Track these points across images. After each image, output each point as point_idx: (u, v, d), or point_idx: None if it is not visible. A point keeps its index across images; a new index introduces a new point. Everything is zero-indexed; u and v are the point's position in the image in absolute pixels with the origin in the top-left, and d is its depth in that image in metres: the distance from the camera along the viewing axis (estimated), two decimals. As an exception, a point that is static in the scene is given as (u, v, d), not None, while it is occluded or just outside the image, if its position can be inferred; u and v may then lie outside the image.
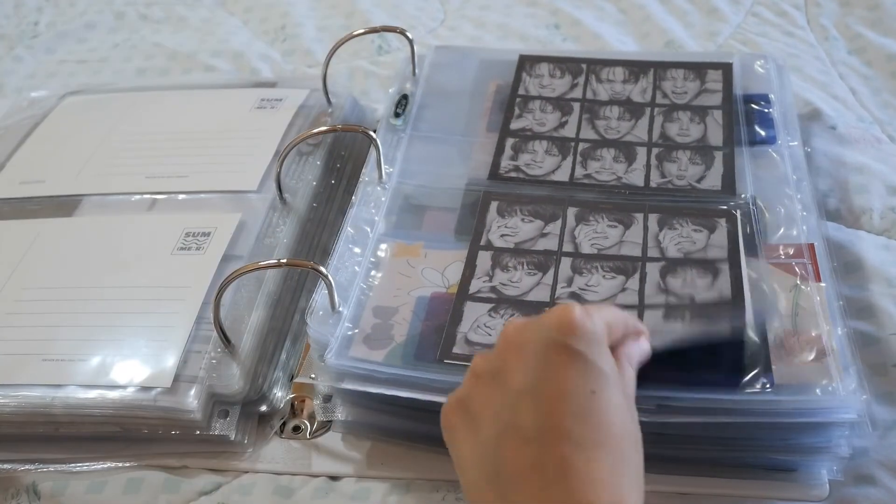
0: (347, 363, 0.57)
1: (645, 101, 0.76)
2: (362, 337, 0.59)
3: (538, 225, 0.66)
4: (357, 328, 0.60)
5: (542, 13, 1.03)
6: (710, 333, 0.58)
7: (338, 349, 0.58)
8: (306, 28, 1.05)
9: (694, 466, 0.57)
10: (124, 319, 0.65)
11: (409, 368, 0.56)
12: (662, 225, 0.65)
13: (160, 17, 1.11)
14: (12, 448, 0.63)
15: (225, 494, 0.60)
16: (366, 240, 0.66)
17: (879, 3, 0.98)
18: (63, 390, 0.61)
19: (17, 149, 0.85)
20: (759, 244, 0.63)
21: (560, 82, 0.80)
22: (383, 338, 0.59)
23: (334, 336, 0.59)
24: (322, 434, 0.62)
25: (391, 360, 0.57)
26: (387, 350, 0.58)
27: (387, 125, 0.76)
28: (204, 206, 0.74)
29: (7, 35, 1.11)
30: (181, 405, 0.59)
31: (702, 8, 1.01)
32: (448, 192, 0.70)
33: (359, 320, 0.60)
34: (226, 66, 1.00)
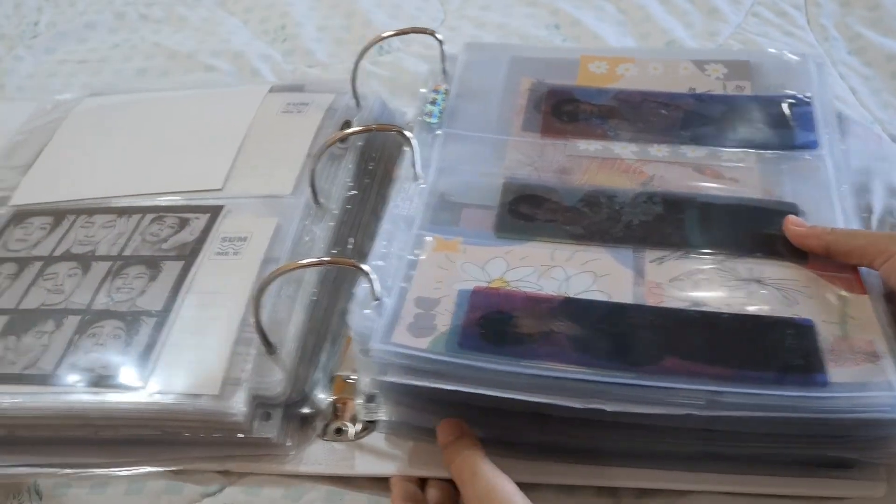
0: (390, 349, 0.56)
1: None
2: (405, 325, 0.58)
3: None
4: (400, 317, 0.59)
5: (542, 13, 1.03)
6: (763, 330, 0.57)
7: (382, 335, 0.57)
8: (306, 28, 1.05)
9: (745, 464, 0.57)
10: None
11: (453, 356, 0.56)
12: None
13: (160, 16, 1.12)
14: (48, 451, 0.63)
15: (228, 496, 0.59)
16: (404, 235, 0.65)
17: (879, 3, 0.98)
18: (104, 394, 0.61)
19: (40, 153, 0.84)
20: (806, 252, 0.62)
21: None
22: (427, 326, 0.58)
23: (377, 324, 0.58)
24: (365, 435, 0.62)
25: (435, 347, 0.57)
26: (431, 338, 0.57)
27: (421, 124, 0.75)
28: (238, 210, 0.73)
29: (7, 35, 1.11)
30: (226, 408, 0.59)
31: (702, 8, 1.01)
32: (485, 190, 0.70)
33: (401, 309, 0.60)
34: (226, 66, 1.00)
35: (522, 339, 0.57)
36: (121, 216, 0.74)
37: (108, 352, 0.63)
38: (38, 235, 0.74)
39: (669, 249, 0.64)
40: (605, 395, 0.54)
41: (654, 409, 0.53)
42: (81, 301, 0.67)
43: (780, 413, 0.53)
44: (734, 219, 0.66)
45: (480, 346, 0.57)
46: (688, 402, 0.53)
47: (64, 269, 0.70)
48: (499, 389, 0.54)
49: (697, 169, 0.71)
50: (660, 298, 0.60)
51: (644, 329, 0.57)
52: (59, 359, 0.63)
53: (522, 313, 0.59)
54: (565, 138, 0.74)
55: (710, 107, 0.76)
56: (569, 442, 0.58)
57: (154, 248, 0.70)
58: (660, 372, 0.54)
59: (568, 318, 0.58)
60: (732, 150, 0.72)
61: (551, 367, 0.55)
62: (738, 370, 0.54)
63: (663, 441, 0.57)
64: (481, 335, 0.57)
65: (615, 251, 0.64)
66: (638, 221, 0.66)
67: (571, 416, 0.54)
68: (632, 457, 0.58)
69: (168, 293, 0.66)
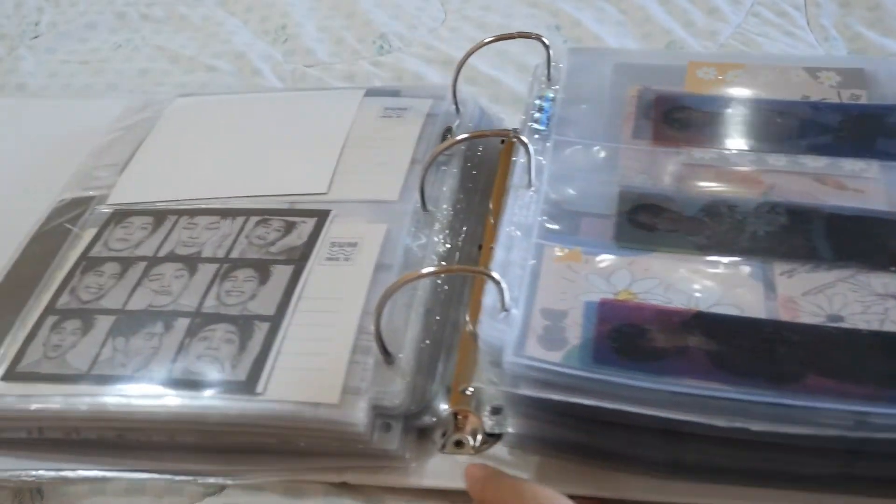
0: (525, 362, 0.55)
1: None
2: (536, 337, 0.57)
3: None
4: (528, 329, 0.58)
5: (542, 14, 1.03)
6: None
7: (515, 348, 0.56)
8: (307, 28, 1.06)
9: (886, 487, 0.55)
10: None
11: (591, 371, 0.54)
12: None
13: (161, 16, 1.12)
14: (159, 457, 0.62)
15: (230, 496, 0.59)
16: (523, 244, 0.64)
17: (879, 3, 0.98)
18: (220, 400, 0.60)
19: (135, 152, 0.83)
20: None
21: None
22: (557, 339, 0.57)
23: (509, 335, 0.56)
24: (486, 449, 0.60)
25: (569, 361, 0.55)
26: (563, 351, 0.56)
27: (530, 130, 0.74)
28: (344, 215, 0.72)
29: (8, 35, 1.11)
30: (347, 418, 0.57)
31: (702, 8, 1.01)
32: (601, 199, 0.68)
33: (528, 321, 0.58)
34: (227, 66, 1.01)
35: (657, 354, 0.55)
36: (224, 218, 0.73)
37: (222, 356, 0.62)
38: (139, 235, 0.73)
39: (798, 262, 0.62)
40: (746, 413, 0.52)
41: (803, 429, 0.51)
42: (190, 303, 0.66)
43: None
44: (863, 231, 0.64)
45: (615, 361, 0.55)
46: (836, 422, 0.51)
47: (170, 270, 0.69)
48: (640, 406, 0.52)
49: (818, 179, 0.69)
50: (794, 313, 0.58)
51: (783, 345, 0.56)
52: (171, 362, 0.62)
53: (654, 327, 0.57)
54: (678, 146, 0.73)
55: (827, 115, 0.74)
56: (697, 459, 0.56)
57: (262, 252, 0.69)
58: (804, 390, 0.53)
59: (702, 333, 0.56)
60: (854, 161, 0.70)
61: (691, 383, 0.53)
62: (887, 389, 0.52)
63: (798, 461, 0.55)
64: (615, 349, 0.56)
65: (742, 263, 0.62)
66: (763, 232, 0.64)
67: (706, 433, 0.52)
68: (761, 477, 0.56)
69: (280, 298, 0.65)
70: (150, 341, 0.64)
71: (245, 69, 1.01)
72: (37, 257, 0.73)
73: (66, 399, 0.62)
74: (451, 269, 0.61)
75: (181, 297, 0.67)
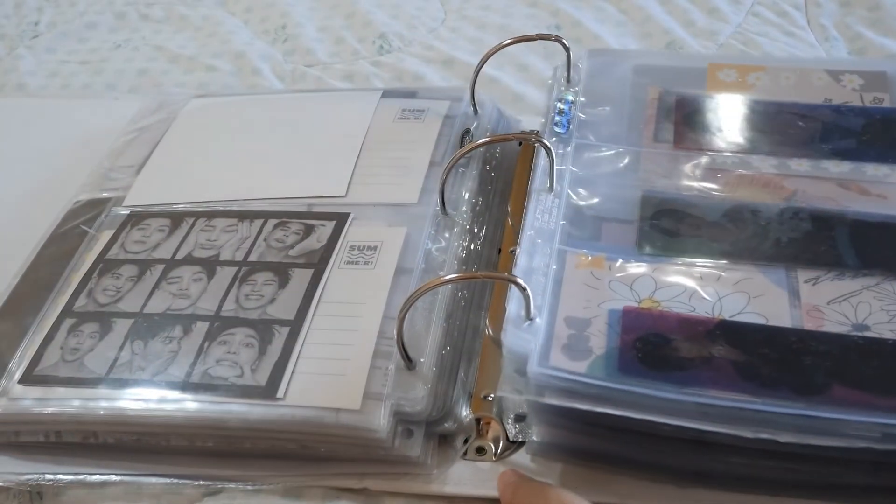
0: (550, 372, 0.54)
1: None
2: (560, 346, 0.56)
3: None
4: (553, 338, 0.57)
5: (542, 14, 1.04)
6: None
7: (539, 358, 0.55)
8: (306, 28, 1.06)
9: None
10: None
11: (616, 381, 0.54)
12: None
13: (161, 16, 1.12)
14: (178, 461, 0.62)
15: (229, 496, 0.58)
16: (546, 250, 0.63)
17: (879, 3, 0.98)
18: (240, 405, 0.59)
19: (150, 154, 0.83)
20: None
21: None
22: (582, 349, 0.56)
23: (533, 344, 0.56)
24: (508, 455, 0.60)
25: (594, 371, 0.55)
26: (588, 361, 0.55)
27: (550, 133, 0.73)
28: (363, 217, 0.71)
29: (7, 35, 1.12)
30: (369, 424, 0.57)
31: (702, 8, 1.01)
32: (623, 203, 0.68)
33: (553, 330, 0.58)
34: (227, 66, 1.01)
35: (683, 364, 0.55)
36: (242, 220, 0.73)
37: (242, 361, 0.61)
38: (156, 237, 0.73)
39: (823, 269, 0.61)
40: (773, 424, 0.51)
41: (830, 440, 0.50)
42: (209, 307, 0.66)
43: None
44: (888, 238, 0.63)
45: (640, 371, 0.54)
46: (862, 433, 0.50)
47: (188, 272, 0.69)
48: (667, 416, 0.51)
49: (842, 184, 0.68)
50: (819, 322, 0.57)
51: (808, 355, 0.55)
52: (190, 366, 0.62)
53: (678, 336, 0.56)
54: (700, 150, 0.72)
55: (850, 119, 0.73)
56: (722, 469, 0.56)
57: (281, 255, 0.69)
58: (829, 402, 0.52)
59: (727, 342, 0.56)
60: (878, 165, 0.69)
61: (717, 394, 0.53)
62: (914, 401, 0.52)
63: (823, 472, 0.54)
64: (640, 359, 0.55)
65: (766, 270, 0.61)
66: (787, 239, 0.63)
67: (733, 443, 0.52)
68: (786, 486, 0.56)
69: (300, 302, 0.65)
70: (169, 345, 0.64)
71: (245, 69, 1.01)
72: (53, 259, 0.73)
73: (84, 403, 0.61)
74: (476, 276, 0.61)
75: (200, 300, 0.67)
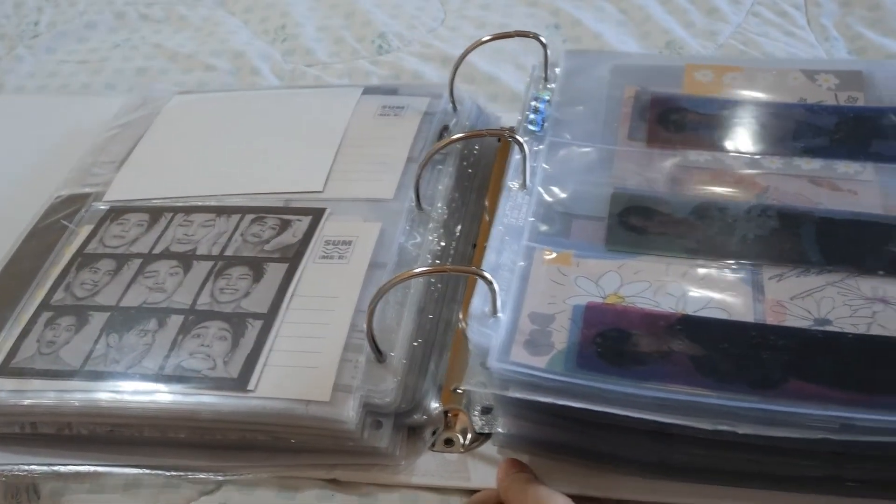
0: (509, 367, 0.55)
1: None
2: (522, 342, 0.57)
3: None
4: (515, 333, 0.58)
5: (542, 13, 1.04)
6: (891, 352, 0.55)
7: (499, 353, 0.56)
8: (306, 28, 1.06)
9: (880, 489, 0.55)
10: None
11: (573, 376, 0.54)
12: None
13: (160, 16, 1.13)
14: (150, 452, 0.63)
15: (225, 494, 0.59)
16: (515, 246, 0.64)
17: (879, 3, 0.98)
18: (212, 396, 0.60)
19: (132, 149, 0.84)
20: None
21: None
22: (543, 344, 0.57)
23: (495, 340, 0.57)
24: (475, 447, 0.60)
25: (554, 366, 0.55)
26: (548, 357, 0.56)
27: (525, 131, 0.74)
28: (340, 213, 0.72)
29: (7, 35, 1.12)
30: (338, 416, 0.58)
31: (702, 8, 1.02)
32: (594, 201, 0.68)
33: (516, 325, 0.58)
34: (226, 65, 1.01)
35: (642, 359, 0.55)
36: (220, 215, 0.74)
37: (215, 353, 0.62)
38: (135, 232, 0.74)
39: (788, 266, 0.62)
40: (732, 416, 0.52)
41: (787, 431, 0.51)
42: (184, 300, 0.67)
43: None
44: (855, 235, 0.64)
45: (599, 366, 0.55)
46: (820, 425, 0.51)
47: (164, 267, 0.70)
48: (626, 409, 0.52)
49: (813, 181, 0.69)
50: (781, 317, 0.58)
51: (767, 350, 0.56)
52: (164, 359, 0.63)
53: (640, 331, 0.57)
54: (673, 148, 0.73)
55: (823, 118, 0.74)
56: (686, 460, 0.57)
57: (256, 250, 0.70)
58: (785, 396, 0.53)
59: (687, 337, 0.57)
60: (848, 163, 0.70)
61: (674, 389, 0.53)
62: (867, 395, 0.53)
63: (786, 463, 0.55)
64: (599, 354, 0.56)
65: (732, 266, 0.62)
66: (753, 236, 0.64)
67: (693, 435, 0.53)
68: (750, 477, 0.57)
69: (273, 296, 0.66)
70: (144, 338, 0.65)
71: (244, 68, 1.01)
72: (32, 253, 0.74)
73: (59, 395, 0.62)
74: (444, 269, 0.61)
75: (175, 294, 0.68)
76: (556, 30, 1.02)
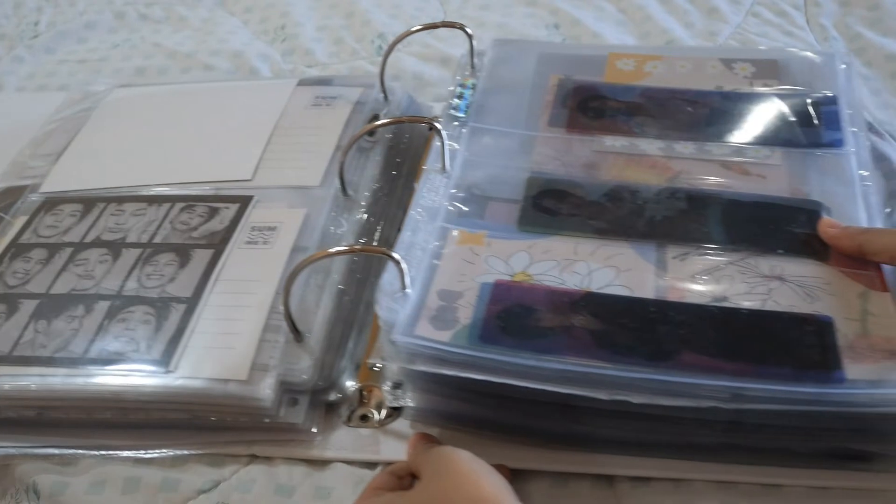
0: (413, 341, 0.57)
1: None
2: (428, 317, 0.59)
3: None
4: (423, 309, 0.60)
5: (541, 13, 1.04)
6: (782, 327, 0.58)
7: (404, 327, 0.58)
8: (306, 28, 1.06)
9: (773, 457, 0.58)
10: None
11: (475, 350, 0.57)
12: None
13: (160, 16, 1.13)
14: (79, 433, 0.65)
15: (224, 493, 0.60)
16: (430, 227, 0.66)
17: (879, 3, 0.98)
18: (134, 378, 0.62)
19: (70, 142, 0.86)
20: (828, 249, 0.63)
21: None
22: (449, 319, 0.59)
23: (402, 315, 0.59)
24: (390, 422, 0.63)
25: (457, 340, 0.58)
26: (453, 331, 0.58)
27: (448, 117, 0.76)
28: (267, 200, 0.74)
29: (7, 35, 1.13)
30: (253, 393, 0.60)
31: (702, 8, 1.02)
32: (511, 184, 0.70)
33: (424, 301, 0.60)
34: (225, 65, 1.02)
35: (543, 333, 0.58)
36: (151, 204, 0.75)
37: (139, 336, 0.64)
38: (68, 222, 0.75)
39: (692, 246, 0.64)
40: (628, 387, 0.54)
41: (680, 401, 0.53)
42: (112, 287, 0.68)
43: (799, 407, 0.53)
44: (758, 216, 0.66)
45: (501, 340, 0.57)
46: (711, 395, 0.53)
47: (94, 255, 0.71)
48: (527, 380, 0.54)
49: (724, 165, 0.71)
50: (681, 294, 0.60)
51: (663, 324, 0.58)
52: (89, 343, 0.65)
53: (544, 307, 0.59)
54: (591, 134, 0.75)
55: (736, 104, 0.76)
56: (590, 431, 0.59)
57: (184, 237, 0.71)
58: (677, 367, 0.55)
59: (589, 313, 0.59)
60: (759, 148, 0.72)
61: (572, 361, 0.55)
62: (757, 366, 0.55)
63: (684, 432, 0.57)
64: (502, 328, 0.58)
65: (638, 246, 0.64)
66: (661, 217, 0.66)
67: (595, 406, 0.55)
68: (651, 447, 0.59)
69: (198, 280, 0.67)
70: (71, 324, 0.66)
71: (243, 68, 1.01)
72: (-31, 245, 0.75)
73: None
74: (353, 250, 0.63)
75: (104, 280, 0.69)
76: (556, 29, 1.02)
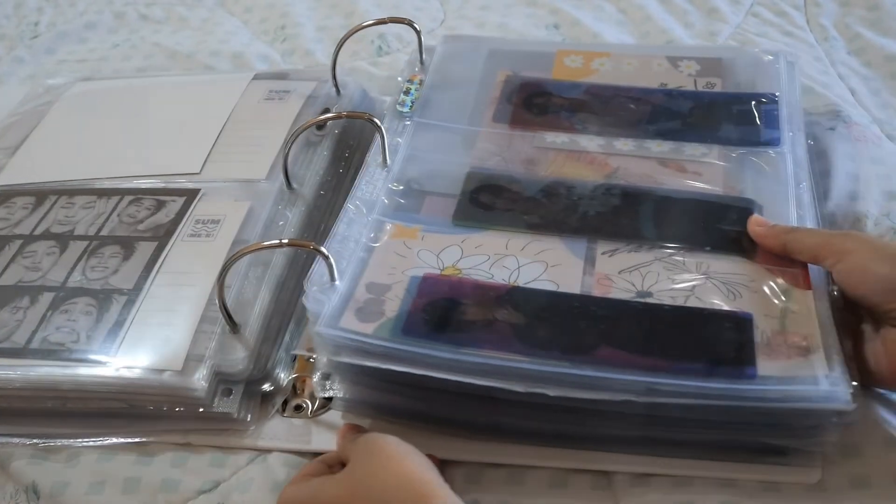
0: (336, 333, 0.58)
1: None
2: (354, 310, 0.60)
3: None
4: (350, 301, 0.61)
5: (541, 13, 1.04)
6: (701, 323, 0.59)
7: (328, 319, 0.59)
8: (306, 28, 1.07)
9: (688, 449, 0.59)
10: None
11: (397, 342, 0.58)
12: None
13: (160, 17, 1.13)
14: (19, 422, 0.66)
15: (223, 493, 0.61)
16: (365, 220, 0.67)
17: (879, 3, 0.98)
18: (73, 368, 0.63)
19: (28, 135, 0.87)
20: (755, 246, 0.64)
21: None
22: (375, 312, 0.60)
23: (328, 307, 0.60)
24: (323, 413, 0.64)
25: (380, 333, 0.59)
26: (377, 324, 0.59)
27: (394, 112, 0.77)
28: (214, 194, 0.75)
29: (7, 35, 1.13)
30: (187, 384, 0.61)
31: (701, 8, 1.02)
32: (450, 179, 0.72)
33: (352, 294, 0.62)
34: (225, 65, 1.02)
35: (465, 327, 0.59)
36: (101, 197, 0.77)
37: (79, 327, 0.65)
38: (20, 215, 0.77)
39: (622, 242, 0.65)
40: (546, 380, 0.55)
41: (594, 394, 0.55)
42: (57, 278, 0.70)
43: (712, 401, 0.54)
44: (689, 213, 0.67)
45: (423, 333, 0.58)
46: (627, 389, 0.54)
47: (42, 247, 0.73)
48: (446, 372, 0.56)
49: (662, 163, 0.72)
50: (607, 289, 0.62)
51: (583, 319, 0.59)
52: (31, 333, 0.66)
53: (469, 301, 0.61)
54: (533, 130, 0.76)
55: (678, 102, 0.77)
56: (513, 424, 0.60)
57: (130, 229, 0.73)
58: (593, 362, 0.56)
59: (512, 307, 0.60)
60: (697, 146, 0.73)
61: (490, 354, 0.57)
62: (671, 361, 0.56)
63: (604, 425, 0.59)
64: (425, 322, 0.59)
65: (569, 241, 0.66)
66: (594, 213, 0.67)
67: (517, 399, 0.56)
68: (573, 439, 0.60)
69: (140, 272, 0.69)
70: (16, 314, 0.68)
71: (243, 69, 1.01)
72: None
73: (-70, 370, 0.65)
74: (282, 244, 0.64)
75: (50, 272, 0.71)
76: (556, 29, 1.02)
